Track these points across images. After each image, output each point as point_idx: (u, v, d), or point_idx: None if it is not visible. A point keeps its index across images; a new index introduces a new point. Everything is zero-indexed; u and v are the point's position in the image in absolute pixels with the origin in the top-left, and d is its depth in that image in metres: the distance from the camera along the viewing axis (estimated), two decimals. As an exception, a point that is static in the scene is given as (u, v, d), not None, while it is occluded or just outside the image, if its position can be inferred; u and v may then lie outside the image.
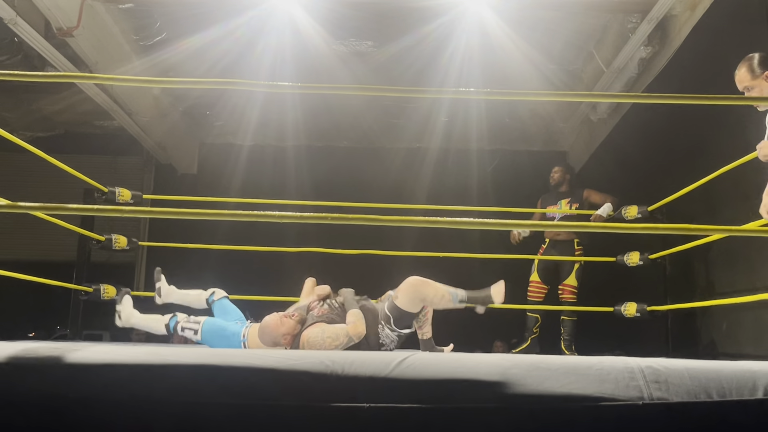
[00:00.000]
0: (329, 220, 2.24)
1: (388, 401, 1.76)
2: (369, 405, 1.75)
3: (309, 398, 1.77)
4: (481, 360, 1.91)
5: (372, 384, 1.79)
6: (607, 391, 1.75)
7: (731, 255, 4.76)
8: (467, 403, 1.76)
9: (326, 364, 1.82)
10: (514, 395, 1.76)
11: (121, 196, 5.13)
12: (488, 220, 2.78)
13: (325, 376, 1.80)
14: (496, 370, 1.82)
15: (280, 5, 5.73)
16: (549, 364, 1.85)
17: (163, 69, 6.65)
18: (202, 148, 9.40)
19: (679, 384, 1.76)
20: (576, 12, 5.93)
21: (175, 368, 1.83)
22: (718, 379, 1.79)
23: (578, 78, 7.08)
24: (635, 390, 1.75)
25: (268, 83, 2.78)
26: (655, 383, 1.76)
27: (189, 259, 7.71)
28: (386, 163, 8.53)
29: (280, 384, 1.80)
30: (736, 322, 4.77)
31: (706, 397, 1.75)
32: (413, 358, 1.87)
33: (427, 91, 6.04)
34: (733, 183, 4.38)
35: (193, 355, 1.89)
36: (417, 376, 1.81)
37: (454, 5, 5.61)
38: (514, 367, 1.83)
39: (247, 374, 1.81)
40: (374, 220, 2.29)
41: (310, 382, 1.79)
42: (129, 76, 2.87)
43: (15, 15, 5.44)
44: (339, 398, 1.77)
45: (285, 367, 1.83)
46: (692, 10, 5.34)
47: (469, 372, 1.82)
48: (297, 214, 2.24)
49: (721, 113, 4.69)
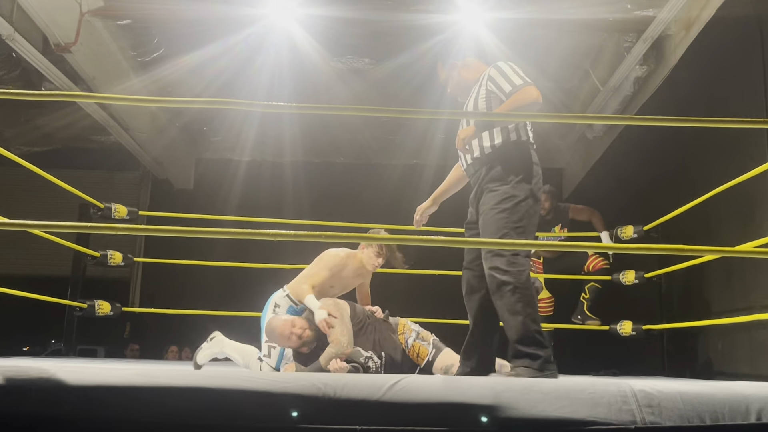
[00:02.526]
0: (323, 238, 2.24)
1: (381, 424, 1.76)
2: (362, 428, 1.74)
3: (301, 421, 1.76)
4: (473, 383, 1.91)
5: (364, 407, 1.78)
6: (600, 415, 1.74)
7: (727, 274, 4.75)
8: (460, 426, 1.75)
9: (318, 387, 1.81)
10: (507, 419, 1.75)
11: (117, 212, 5.12)
12: (484, 239, 2.77)
13: (317, 399, 1.79)
14: (488, 393, 1.81)
15: (278, 22, 5.76)
16: (542, 388, 1.84)
17: (161, 85, 6.67)
18: (199, 163, 9.40)
19: (672, 408, 1.76)
20: (572, 31, 5.97)
21: (166, 390, 1.82)
22: (711, 404, 1.78)
23: (574, 96, 7.11)
24: (628, 414, 1.74)
25: (264, 103, 2.79)
26: (647, 407, 1.76)
27: (185, 275, 7.71)
28: (383, 179, 8.53)
29: (272, 406, 1.79)
30: (731, 342, 4.75)
31: (699, 421, 1.74)
32: (405, 381, 1.86)
33: (423, 111, 6.06)
34: (729, 202, 4.38)
35: (183, 376, 1.87)
36: (409, 399, 1.80)
37: (451, 24, 5.63)
38: (506, 391, 1.82)
39: (238, 396, 1.80)
40: (367, 238, 2.32)
41: (302, 405, 1.78)
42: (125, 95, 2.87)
43: (13, 31, 5.46)
44: (331, 420, 1.76)
45: (277, 389, 1.82)
46: (687, 30, 5.38)
47: (461, 395, 1.81)
48: (291, 233, 2.24)
49: (717, 132, 4.70)
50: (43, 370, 1.85)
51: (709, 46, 5.10)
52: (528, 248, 2.96)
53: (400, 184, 8.47)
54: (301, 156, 8.82)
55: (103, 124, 7.42)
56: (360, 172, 8.89)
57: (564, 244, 5.18)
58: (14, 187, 8.98)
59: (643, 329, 5.02)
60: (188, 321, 6.64)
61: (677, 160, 5.67)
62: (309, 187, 8.64)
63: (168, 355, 7.56)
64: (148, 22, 6.14)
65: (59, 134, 8.77)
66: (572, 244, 3.82)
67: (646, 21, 5.53)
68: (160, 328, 7.85)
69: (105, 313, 5.07)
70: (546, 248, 2.45)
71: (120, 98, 3.78)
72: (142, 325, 8.52)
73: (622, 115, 6.35)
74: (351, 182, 8.71)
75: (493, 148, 2.98)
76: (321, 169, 8.99)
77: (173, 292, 7.82)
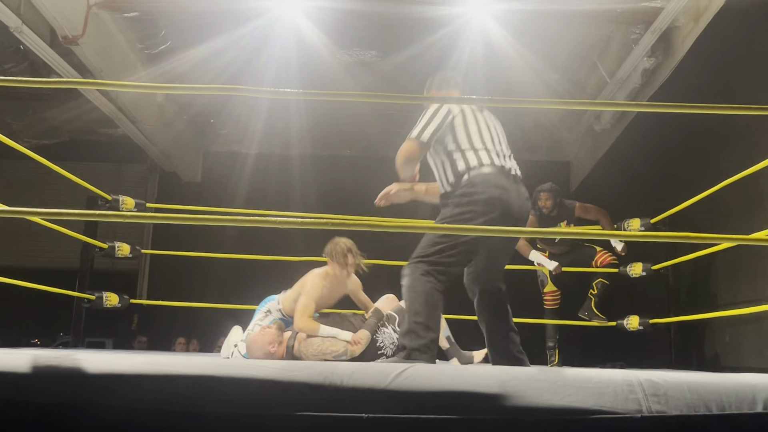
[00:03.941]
0: (330, 225, 2.24)
1: (387, 412, 1.76)
2: (368, 415, 1.75)
3: (308, 408, 1.77)
4: (480, 372, 1.91)
5: (371, 395, 1.79)
6: (606, 404, 1.74)
7: (735, 266, 4.75)
8: (466, 414, 1.76)
9: (325, 375, 1.82)
10: (513, 407, 1.76)
11: (125, 204, 5.14)
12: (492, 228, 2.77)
13: (324, 387, 1.80)
14: (495, 382, 1.81)
15: (284, 15, 5.76)
16: (548, 377, 1.84)
17: (168, 78, 6.68)
18: (207, 156, 9.42)
19: (678, 397, 1.76)
20: (579, 22, 5.94)
21: (176, 378, 1.83)
22: (718, 393, 1.78)
23: (581, 88, 7.09)
24: (634, 403, 1.74)
25: (271, 89, 2.79)
26: (654, 396, 1.76)
27: (193, 267, 7.73)
28: (391, 172, 8.48)
29: (280, 394, 1.80)
30: (738, 335, 4.75)
31: (705, 410, 1.74)
32: (412, 369, 1.86)
33: (431, 98, 6.05)
34: (737, 194, 4.37)
35: (193, 365, 1.89)
36: (416, 387, 1.80)
37: (458, 15, 5.62)
38: (513, 380, 1.82)
39: (247, 384, 1.81)
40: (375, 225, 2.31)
41: (309, 393, 1.79)
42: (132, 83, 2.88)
43: (20, 23, 5.47)
44: (338, 408, 1.77)
45: (285, 378, 1.83)
46: (696, 21, 5.35)
47: (468, 384, 1.81)
48: (298, 220, 2.25)
49: (725, 124, 4.69)
50: (53, 358, 1.86)
51: (717, 38, 5.07)
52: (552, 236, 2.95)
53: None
54: (308, 149, 8.82)
55: (110, 117, 7.43)
56: (367, 165, 8.86)
57: (577, 231, 5.15)
58: (22, 180, 9.03)
59: (650, 324, 5.01)
60: (196, 313, 6.68)
61: (685, 152, 5.65)
62: (316, 179, 8.64)
63: (176, 347, 7.59)
64: (156, 14, 6.15)
65: (67, 127, 8.81)
66: (583, 231, 3.81)
67: (655, 12, 5.50)
68: (168, 320, 7.88)
69: (113, 304, 5.09)
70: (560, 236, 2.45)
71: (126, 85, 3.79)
72: (150, 317, 8.55)
73: (628, 101, 6.31)
74: (358, 175, 8.68)
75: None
76: (328, 162, 8.99)
77: (181, 284, 7.84)
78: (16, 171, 9.06)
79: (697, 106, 2.43)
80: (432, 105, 3.13)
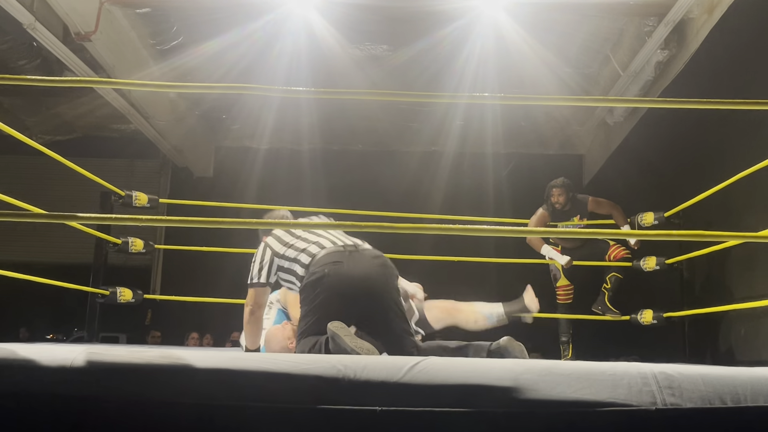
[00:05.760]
0: (342, 228, 2.25)
1: (401, 405, 1.76)
2: (381, 408, 1.75)
3: (321, 401, 1.77)
4: (493, 365, 1.91)
5: (384, 388, 1.79)
6: (619, 397, 1.74)
7: (749, 259, 4.71)
8: (479, 407, 1.75)
9: (338, 369, 1.82)
10: (526, 400, 1.75)
11: (138, 200, 5.15)
12: (504, 228, 2.78)
13: (338, 380, 1.80)
14: (508, 375, 1.81)
15: (295, 9, 5.76)
16: (562, 370, 1.84)
17: (180, 73, 6.70)
18: (218, 151, 9.46)
19: (693, 390, 1.74)
20: (592, 15, 5.91)
21: (189, 371, 1.84)
22: (733, 385, 1.76)
23: (594, 81, 7.05)
24: (648, 395, 1.73)
25: (283, 88, 2.80)
26: (668, 389, 1.74)
27: (206, 261, 7.76)
28: (401, 166, 8.53)
29: (293, 387, 1.80)
30: (754, 328, 4.71)
31: (720, 403, 1.73)
32: (426, 362, 1.86)
33: (442, 96, 6.04)
34: (751, 187, 4.33)
35: (206, 358, 1.89)
36: (429, 380, 1.80)
37: (469, 9, 5.60)
38: (526, 372, 1.81)
39: (261, 377, 1.82)
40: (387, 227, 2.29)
41: (322, 386, 1.80)
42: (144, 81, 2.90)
43: (34, 20, 5.50)
44: (351, 402, 1.77)
45: (298, 371, 1.83)
46: (710, 13, 5.31)
47: (481, 377, 1.81)
48: (309, 222, 2.26)
49: (739, 117, 4.65)
50: (71, 350, 1.88)
51: (732, 30, 5.02)
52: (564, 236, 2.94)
53: (418, 171, 8.46)
54: (319, 143, 8.84)
55: (123, 113, 7.47)
56: (378, 159, 8.88)
57: (589, 232, 5.13)
58: (36, 176, 9.10)
59: (664, 317, 4.98)
60: (209, 308, 6.70)
61: (699, 145, 5.61)
62: (327, 174, 8.65)
63: (189, 341, 7.63)
64: (167, 10, 6.17)
65: (80, 123, 8.87)
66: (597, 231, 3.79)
67: (668, 4, 5.46)
68: (181, 315, 7.92)
69: (127, 300, 5.10)
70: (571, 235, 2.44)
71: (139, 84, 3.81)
72: (164, 312, 8.60)
73: (642, 98, 6.27)
74: (369, 169, 8.70)
75: None
76: (339, 157, 9.00)
77: (194, 279, 7.87)
78: (31, 167, 9.12)
79: (708, 101, 2.41)
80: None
